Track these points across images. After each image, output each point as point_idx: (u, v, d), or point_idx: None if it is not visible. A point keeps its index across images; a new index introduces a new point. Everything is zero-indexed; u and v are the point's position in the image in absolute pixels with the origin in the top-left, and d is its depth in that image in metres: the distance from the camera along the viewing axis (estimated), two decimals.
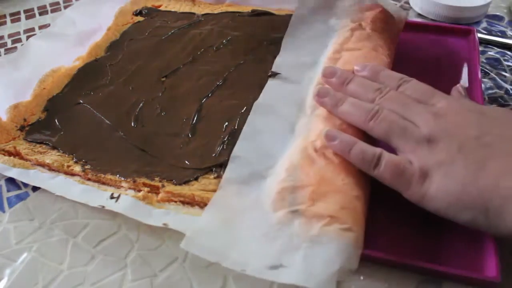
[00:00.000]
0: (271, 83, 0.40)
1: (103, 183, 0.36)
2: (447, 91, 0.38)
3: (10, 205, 0.36)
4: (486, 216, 0.27)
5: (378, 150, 0.30)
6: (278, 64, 0.42)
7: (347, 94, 0.34)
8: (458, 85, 0.36)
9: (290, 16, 0.52)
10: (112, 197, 0.34)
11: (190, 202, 0.34)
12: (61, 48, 0.49)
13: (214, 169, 0.36)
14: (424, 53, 0.37)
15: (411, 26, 0.49)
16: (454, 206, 0.27)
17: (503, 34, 0.51)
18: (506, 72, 0.45)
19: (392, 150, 0.31)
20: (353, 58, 0.39)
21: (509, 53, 0.49)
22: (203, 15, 0.55)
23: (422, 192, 0.28)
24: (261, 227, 0.29)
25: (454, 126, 0.30)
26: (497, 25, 0.53)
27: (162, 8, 0.58)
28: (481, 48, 0.49)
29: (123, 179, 0.36)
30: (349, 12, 0.45)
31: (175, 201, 0.34)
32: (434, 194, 0.28)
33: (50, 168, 0.38)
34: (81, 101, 0.44)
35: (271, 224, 0.29)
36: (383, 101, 0.33)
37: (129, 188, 0.35)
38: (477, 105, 0.32)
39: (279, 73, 0.41)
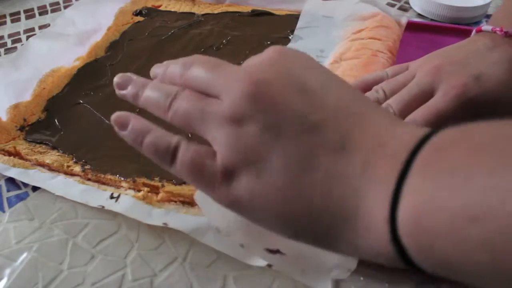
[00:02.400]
0: None
1: (103, 183, 0.36)
2: None
3: (10, 205, 0.36)
4: (314, 237, 0.21)
5: (175, 139, 0.24)
6: None
7: (166, 79, 0.26)
8: None
9: (290, 16, 0.52)
10: (112, 197, 0.34)
11: (190, 202, 0.34)
12: (61, 48, 0.49)
13: None
14: (424, 53, 0.37)
15: (411, 26, 0.49)
16: (273, 218, 0.21)
17: None
18: None
19: None
20: (352, 66, 0.39)
21: None
22: (203, 15, 0.55)
23: (230, 197, 0.22)
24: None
25: (270, 96, 0.21)
26: None
27: (162, 8, 0.58)
28: None
29: (123, 179, 0.36)
30: (349, 23, 0.46)
31: (175, 201, 0.34)
32: (246, 202, 0.22)
33: (50, 168, 0.38)
34: (81, 101, 0.44)
35: None
36: (187, 76, 0.24)
37: (129, 188, 0.35)
38: (306, 62, 0.24)
39: None
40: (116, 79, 0.27)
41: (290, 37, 0.48)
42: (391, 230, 0.19)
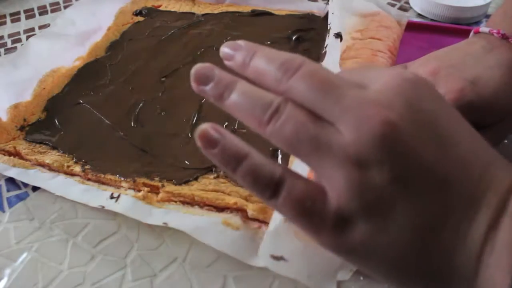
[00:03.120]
0: None
1: (103, 183, 0.36)
2: None
3: (10, 205, 0.36)
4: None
5: (278, 170, 0.20)
6: None
7: (250, 75, 0.22)
8: None
9: (290, 16, 0.52)
10: (112, 197, 0.34)
11: (190, 202, 0.34)
12: (61, 48, 0.49)
13: (214, 169, 0.36)
14: (424, 53, 0.37)
15: (411, 26, 0.49)
16: (385, 269, 0.20)
17: None
18: None
19: None
20: (351, 65, 0.39)
21: None
22: (203, 15, 0.55)
23: (341, 244, 0.20)
24: (275, 220, 0.29)
25: (403, 142, 0.19)
26: None
27: (162, 8, 0.58)
28: None
29: (123, 179, 0.36)
30: (349, 17, 0.46)
31: (175, 201, 0.34)
32: (359, 251, 0.20)
33: (50, 168, 0.38)
34: (81, 101, 0.44)
35: (280, 219, 0.29)
36: (290, 86, 0.20)
37: (129, 188, 0.35)
38: (437, 98, 0.21)
39: None
40: (193, 70, 0.23)
41: (293, 38, 0.48)
42: None
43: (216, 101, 0.22)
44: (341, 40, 0.38)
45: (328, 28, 0.42)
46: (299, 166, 0.23)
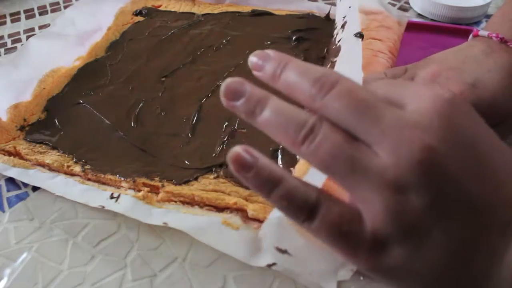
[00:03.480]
0: None
1: (103, 183, 0.36)
2: None
3: (10, 205, 0.36)
4: None
5: (313, 195, 0.20)
6: None
7: (281, 88, 0.21)
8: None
9: (290, 16, 0.52)
10: (112, 197, 0.34)
11: (190, 202, 0.34)
12: (61, 48, 0.49)
13: (214, 169, 0.36)
14: (424, 53, 0.37)
15: (411, 26, 0.49)
16: None
17: None
18: None
19: None
20: None
21: None
22: (203, 15, 0.55)
23: (377, 266, 0.20)
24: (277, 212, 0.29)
25: (442, 168, 0.18)
26: None
27: (162, 8, 0.58)
28: None
29: (123, 179, 0.36)
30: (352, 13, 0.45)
31: (175, 201, 0.34)
32: (394, 273, 0.20)
33: (50, 168, 0.38)
34: (81, 101, 0.44)
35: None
36: (325, 104, 0.20)
37: (129, 188, 0.35)
38: (475, 120, 0.21)
39: None
40: (223, 85, 0.21)
41: (293, 38, 0.48)
42: None
43: (248, 117, 0.21)
44: (362, 39, 0.37)
45: (343, 21, 0.42)
46: (313, 177, 0.23)
